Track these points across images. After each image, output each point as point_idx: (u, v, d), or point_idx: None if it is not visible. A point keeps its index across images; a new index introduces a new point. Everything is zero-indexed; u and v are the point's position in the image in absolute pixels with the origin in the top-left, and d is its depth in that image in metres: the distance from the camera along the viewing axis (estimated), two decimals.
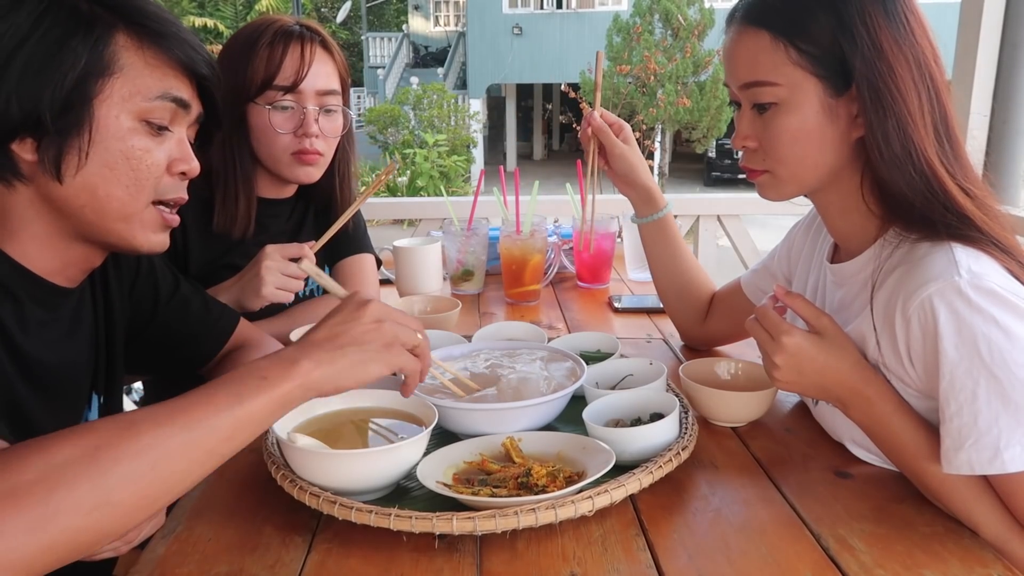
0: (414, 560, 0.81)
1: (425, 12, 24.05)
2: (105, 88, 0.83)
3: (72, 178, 0.84)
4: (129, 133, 0.85)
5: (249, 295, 1.29)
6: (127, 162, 0.85)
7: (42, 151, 0.82)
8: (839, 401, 0.94)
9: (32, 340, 0.89)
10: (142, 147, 0.86)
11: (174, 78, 0.88)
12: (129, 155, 0.85)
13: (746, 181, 1.04)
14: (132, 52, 0.85)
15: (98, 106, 0.83)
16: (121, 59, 0.84)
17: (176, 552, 0.83)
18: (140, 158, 0.86)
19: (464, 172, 12.86)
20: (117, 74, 0.83)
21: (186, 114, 0.91)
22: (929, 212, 0.88)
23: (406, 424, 1.00)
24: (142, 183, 0.87)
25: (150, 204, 0.90)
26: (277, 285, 1.29)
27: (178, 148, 0.91)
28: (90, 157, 0.84)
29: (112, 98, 0.84)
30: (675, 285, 1.42)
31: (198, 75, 0.91)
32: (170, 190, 0.91)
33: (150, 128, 0.87)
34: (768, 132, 0.95)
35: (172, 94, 0.88)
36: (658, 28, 13.56)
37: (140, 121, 0.86)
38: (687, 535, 0.85)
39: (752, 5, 0.96)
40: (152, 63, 0.86)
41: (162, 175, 0.90)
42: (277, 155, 1.39)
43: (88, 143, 0.83)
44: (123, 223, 0.88)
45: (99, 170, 0.84)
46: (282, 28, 1.37)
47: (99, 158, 0.84)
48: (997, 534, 0.83)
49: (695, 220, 2.95)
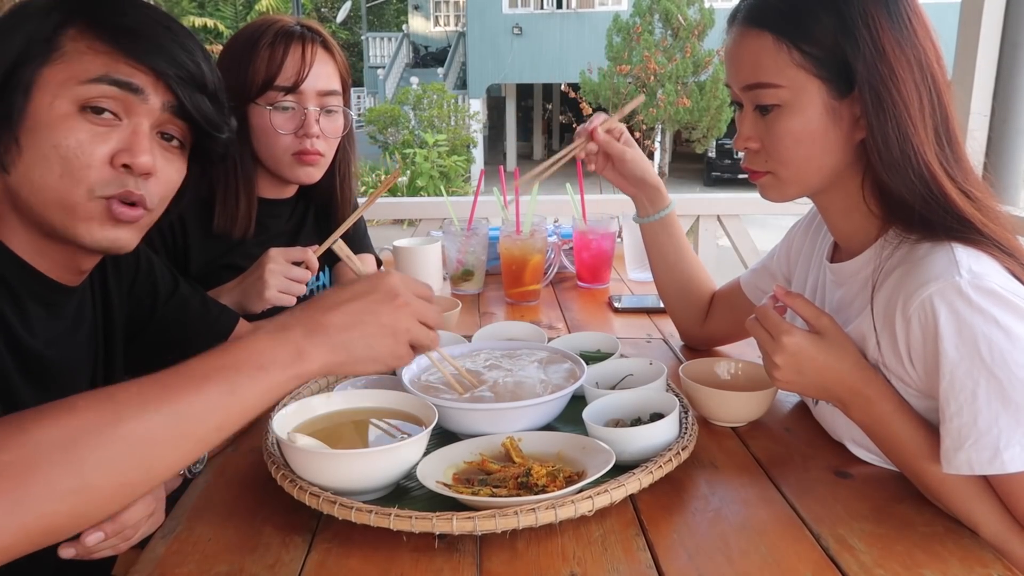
0: (414, 560, 0.81)
1: (425, 12, 24.05)
2: (43, 76, 0.80)
3: (15, 168, 0.82)
4: (61, 120, 0.81)
5: (252, 298, 1.29)
6: (56, 150, 0.81)
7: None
8: (839, 401, 0.94)
9: (35, 337, 0.89)
10: (75, 136, 0.82)
11: (126, 64, 0.83)
12: (58, 143, 0.81)
13: (746, 181, 1.04)
14: (78, 41, 0.82)
15: (34, 95, 0.80)
16: (64, 47, 0.81)
17: (176, 552, 0.83)
18: (71, 147, 0.81)
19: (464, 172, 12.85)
20: (58, 61, 0.81)
21: (142, 102, 0.85)
22: (929, 214, 0.88)
23: (406, 424, 1.00)
24: (75, 174, 0.82)
25: (95, 198, 0.84)
26: (280, 288, 1.28)
27: (128, 139, 0.85)
28: (24, 147, 0.81)
29: (50, 85, 0.81)
30: (677, 284, 1.42)
31: (157, 70, 0.85)
32: (113, 184, 0.85)
33: (91, 115, 0.82)
34: (771, 134, 0.95)
35: (112, 76, 0.82)
36: (658, 28, 13.55)
37: (78, 108, 0.82)
38: (687, 535, 0.85)
39: (754, 6, 0.95)
40: (101, 50, 0.82)
41: (101, 166, 0.84)
42: (278, 155, 1.39)
43: (20, 131, 0.80)
44: (63, 215, 0.84)
45: (34, 160, 0.81)
46: (283, 28, 1.37)
47: (33, 148, 0.81)
48: (997, 534, 0.83)
49: (695, 220, 2.95)
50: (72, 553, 0.80)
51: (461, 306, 1.54)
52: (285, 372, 0.71)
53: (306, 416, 0.99)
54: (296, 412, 0.99)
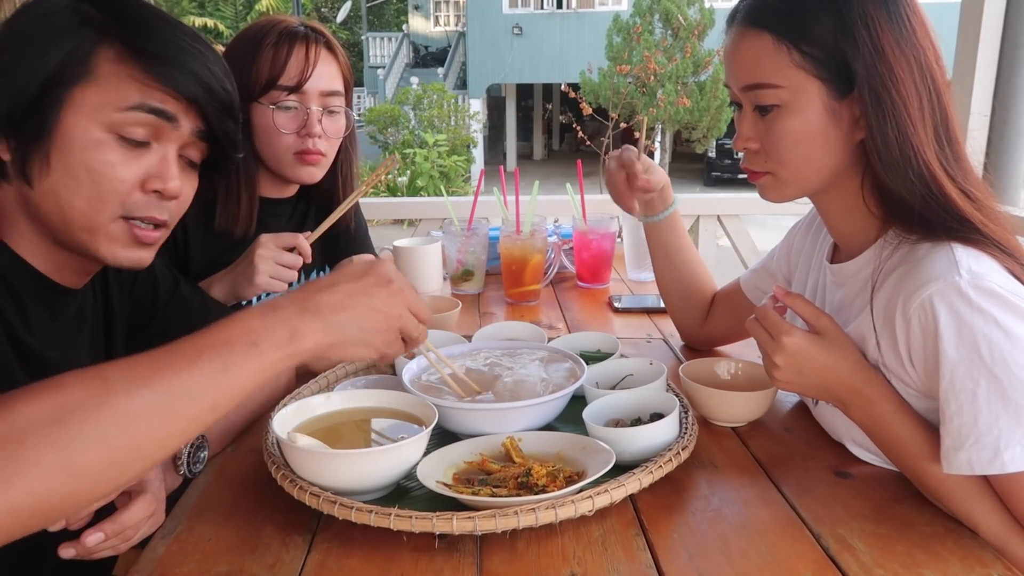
0: (414, 560, 0.81)
1: (425, 12, 24.05)
2: (75, 96, 0.81)
3: (40, 183, 0.82)
4: (95, 144, 0.82)
5: (243, 284, 1.29)
6: (88, 174, 0.82)
7: (13, 153, 0.81)
8: (839, 401, 0.94)
9: (37, 338, 0.89)
10: (107, 160, 0.83)
11: (161, 92, 0.85)
12: (91, 167, 0.82)
13: (746, 181, 1.04)
14: (113, 64, 0.82)
15: (66, 114, 0.81)
16: (100, 69, 0.81)
17: (176, 552, 0.83)
18: (103, 171, 0.83)
19: (464, 172, 12.85)
20: (91, 84, 0.81)
21: (174, 129, 0.87)
22: (929, 214, 0.88)
23: (406, 424, 1.00)
24: (104, 197, 0.84)
25: (118, 219, 0.86)
26: (271, 274, 1.29)
27: (158, 165, 0.87)
28: (53, 165, 0.81)
29: (84, 108, 0.81)
30: (679, 283, 1.42)
31: (193, 94, 0.86)
32: (141, 207, 0.87)
33: (123, 142, 0.84)
34: (770, 134, 0.95)
35: (150, 105, 0.84)
36: (658, 28, 13.55)
37: (111, 134, 0.83)
38: (687, 535, 0.85)
39: (754, 6, 0.95)
40: (137, 76, 0.83)
41: (131, 191, 0.86)
42: (280, 155, 1.39)
43: (51, 150, 0.81)
44: (87, 234, 0.86)
45: (62, 179, 0.82)
46: (287, 29, 1.37)
47: (62, 166, 0.82)
48: (997, 534, 0.83)
49: (695, 220, 2.95)
50: (72, 553, 0.80)
51: (461, 306, 1.54)
52: (278, 351, 0.70)
53: (306, 416, 0.99)
54: (296, 412, 0.99)
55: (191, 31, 0.90)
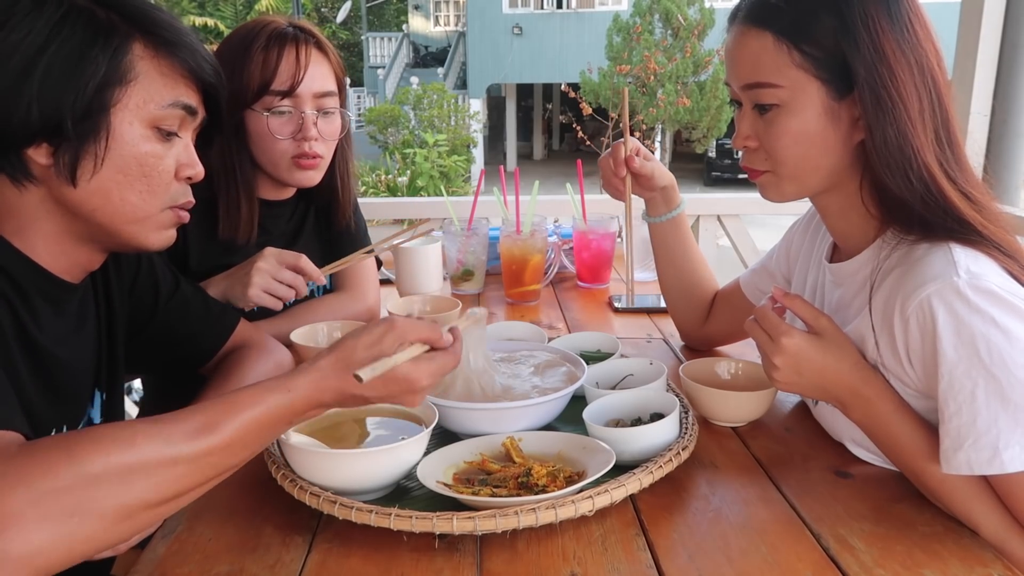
0: (414, 560, 0.81)
1: (425, 12, 24.05)
2: (122, 96, 0.84)
3: (87, 183, 0.85)
4: (141, 140, 0.87)
5: (236, 292, 1.28)
6: (140, 168, 0.87)
7: (58, 156, 0.83)
8: (838, 401, 0.94)
9: (44, 335, 0.89)
10: (154, 153, 0.88)
11: (184, 86, 0.89)
12: (142, 161, 0.87)
13: (746, 181, 1.04)
14: (147, 61, 0.86)
15: (115, 114, 0.84)
16: (137, 68, 0.85)
17: (176, 552, 0.83)
18: (152, 164, 0.88)
19: (464, 172, 12.85)
20: (133, 82, 0.85)
21: (193, 120, 0.92)
22: (928, 215, 0.88)
23: (406, 424, 1.00)
24: (155, 189, 0.89)
25: (166, 208, 0.91)
26: (264, 288, 1.27)
27: (185, 153, 0.92)
28: (105, 163, 0.85)
29: (128, 106, 0.85)
30: (682, 283, 1.42)
31: (206, 83, 0.92)
32: (180, 195, 0.93)
33: (160, 135, 0.88)
34: (769, 133, 0.95)
35: (183, 101, 0.89)
36: (658, 28, 13.56)
37: (151, 128, 0.87)
38: (687, 535, 0.85)
39: (755, 5, 0.95)
40: (166, 72, 0.87)
41: (172, 181, 0.91)
42: (277, 160, 1.38)
43: (104, 150, 0.84)
44: (136, 225, 0.90)
45: (113, 176, 0.86)
46: (276, 31, 1.35)
47: (114, 164, 0.85)
48: (996, 534, 0.83)
49: (695, 220, 2.95)
50: None
51: (461, 306, 1.54)
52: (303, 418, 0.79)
53: None
54: None
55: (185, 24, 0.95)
